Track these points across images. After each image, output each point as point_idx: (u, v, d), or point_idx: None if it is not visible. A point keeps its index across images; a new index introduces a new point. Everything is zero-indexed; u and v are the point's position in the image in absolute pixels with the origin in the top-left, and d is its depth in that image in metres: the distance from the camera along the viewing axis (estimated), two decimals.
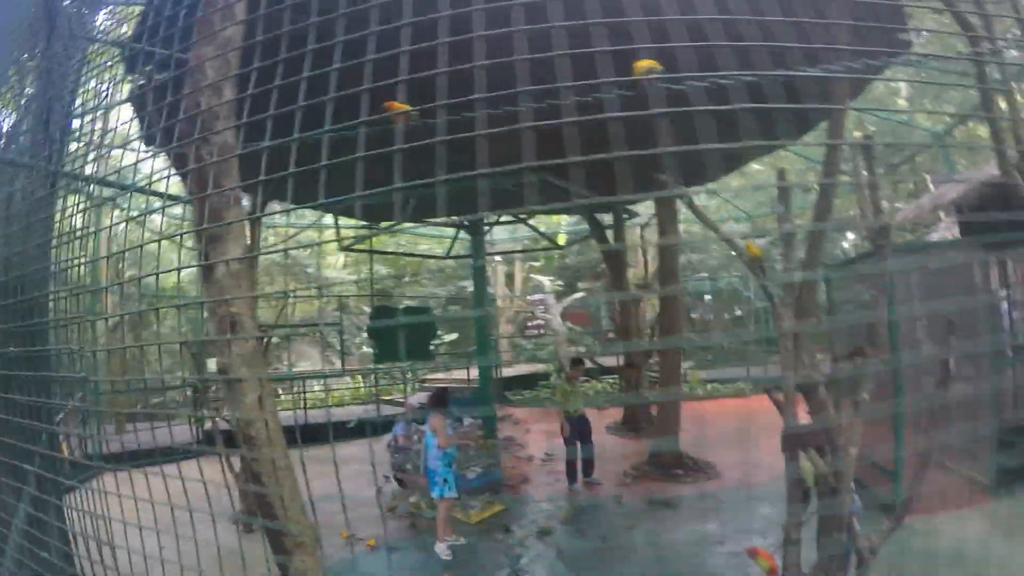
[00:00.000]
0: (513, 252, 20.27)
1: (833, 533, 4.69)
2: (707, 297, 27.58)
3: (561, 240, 24.59)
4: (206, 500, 2.92)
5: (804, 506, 4.71)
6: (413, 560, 8.62)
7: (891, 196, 21.98)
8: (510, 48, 2.55)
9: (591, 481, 11.99)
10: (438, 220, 13.35)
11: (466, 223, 12.27)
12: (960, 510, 8.56)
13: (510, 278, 31.32)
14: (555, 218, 25.51)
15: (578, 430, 11.90)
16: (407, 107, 3.53)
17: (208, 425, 12.14)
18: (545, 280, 30.21)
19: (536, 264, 31.86)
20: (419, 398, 12.25)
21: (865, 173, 5.47)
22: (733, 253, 5.34)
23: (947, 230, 16.82)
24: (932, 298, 9.93)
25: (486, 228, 13.30)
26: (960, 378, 9.32)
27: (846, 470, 4.42)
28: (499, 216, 13.46)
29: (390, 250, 20.60)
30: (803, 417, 4.71)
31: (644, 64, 3.89)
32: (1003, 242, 11.38)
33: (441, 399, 9.38)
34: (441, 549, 8.67)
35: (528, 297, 30.47)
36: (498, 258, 28.63)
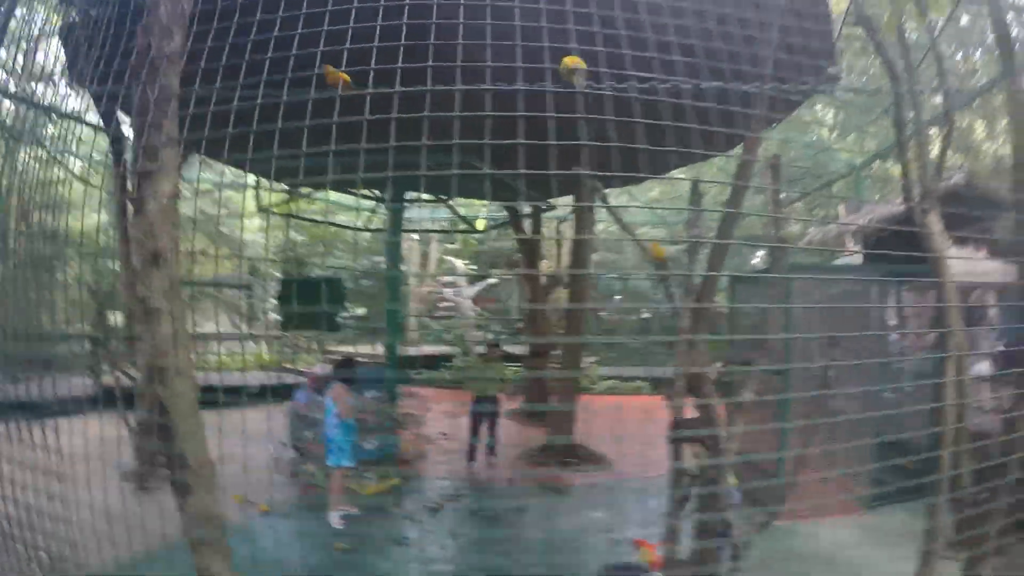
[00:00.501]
0: (429, 231, 20.29)
1: (710, 524, 4.97)
2: (616, 296, 28.05)
3: (480, 225, 24.67)
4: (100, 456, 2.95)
5: (685, 499, 4.98)
6: (305, 526, 8.65)
7: (805, 219, 22.78)
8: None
9: (491, 458, 12.49)
10: (359, 192, 13.30)
11: (384, 197, 12.27)
12: (835, 518, 9.05)
13: (425, 258, 31.21)
14: (478, 203, 25.60)
15: (488, 411, 12.35)
16: (345, 76, 3.67)
17: (108, 380, 11.84)
18: (459, 263, 30.20)
19: (452, 246, 31.82)
20: (323, 368, 12.15)
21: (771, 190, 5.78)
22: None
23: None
24: (830, 316, 10.39)
25: (405, 205, 13.29)
26: (845, 394, 9.80)
27: (725, 464, 4.69)
28: (419, 194, 13.51)
29: (307, 216, 20.16)
30: (691, 414, 4.98)
31: (570, 60, 4.03)
32: (900, 273, 12.00)
33: (346, 369, 9.36)
34: (334, 518, 8.68)
35: (440, 278, 30.46)
36: (415, 236, 28.51)
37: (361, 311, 27.00)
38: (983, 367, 10.58)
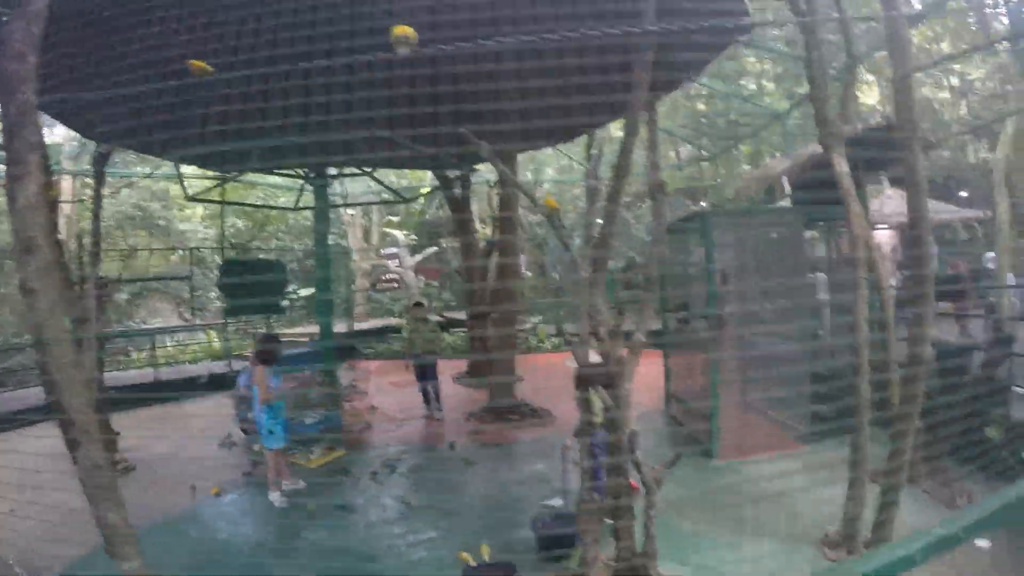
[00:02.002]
0: (356, 204, 20.19)
1: (618, 466, 5.24)
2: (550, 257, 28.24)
3: (417, 194, 24.69)
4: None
5: (592, 439, 5.24)
6: (252, 506, 8.79)
7: (732, 167, 23.19)
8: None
9: (435, 416, 13.07)
10: (285, 172, 13.31)
11: (310, 174, 12.31)
12: (774, 454, 9.43)
13: (367, 232, 31.10)
14: (411, 174, 25.59)
15: (422, 368, 13.02)
16: (205, 66, 3.99)
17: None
18: (399, 234, 30.17)
19: (394, 219, 31.74)
20: None
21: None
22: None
23: None
24: (757, 258, 10.67)
25: (331, 180, 13.32)
26: (778, 334, 10.15)
27: (624, 402, 4.95)
28: (340, 169, 13.55)
29: (240, 201, 20.03)
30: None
31: (399, 30, 4.18)
32: (823, 216, 12.34)
33: (266, 353, 9.20)
34: (275, 497, 8.81)
35: (383, 251, 30.46)
36: (351, 211, 28.43)
37: (307, 291, 27.00)
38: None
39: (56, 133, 18.48)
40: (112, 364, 19.83)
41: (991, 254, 13.31)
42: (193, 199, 12.15)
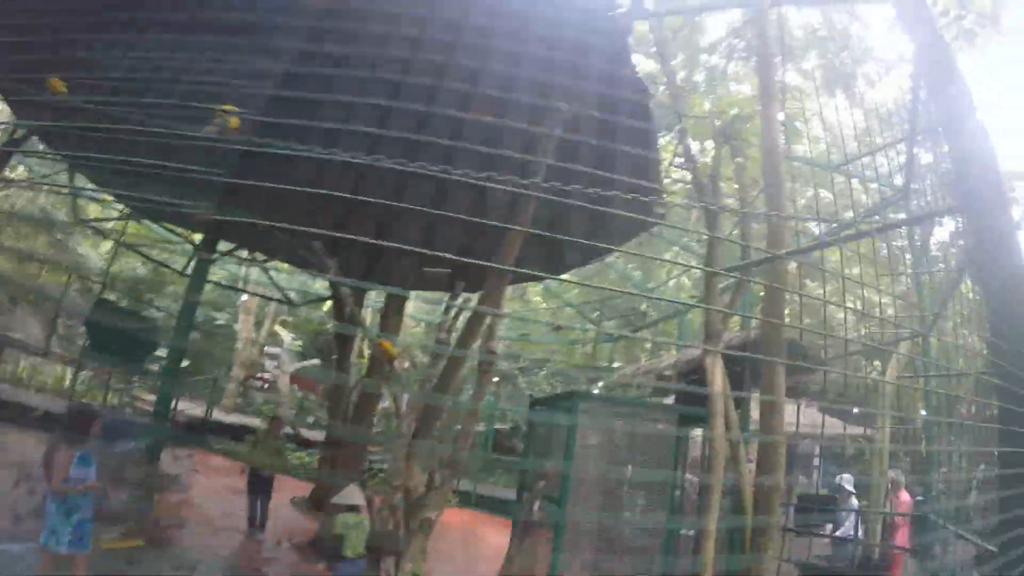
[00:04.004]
0: (238, 289, 19.45)
1: None
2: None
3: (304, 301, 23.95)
4: None
5: None
6: None
7: (631, 354, 23.44)
8: None
9: (255, 535, 12.05)
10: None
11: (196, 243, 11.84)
12: None
13: (259, 323, 29.90)
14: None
15: (260, 483, 12.18)
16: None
17: None
18: (287, 336, 29.10)
19: (289, 319, 30.68)
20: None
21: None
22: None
23: None
24: (623, 449, 10.51)
25: (217, 257, 12.84)
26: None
27: None
28: (233, 249, 13.11)
29: (129, 243, 18.64)
30: None
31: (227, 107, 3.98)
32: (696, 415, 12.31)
33: (75, 428, 7.23)
34: None
35: (266, 348, 29.18)
36: (243, 296, 27.42)
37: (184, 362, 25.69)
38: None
39: None
40: None
41: (847, 475, 13.47)
42: (82, 221, 11.54)
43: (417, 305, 23.45)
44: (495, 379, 26.99)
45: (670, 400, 13.52)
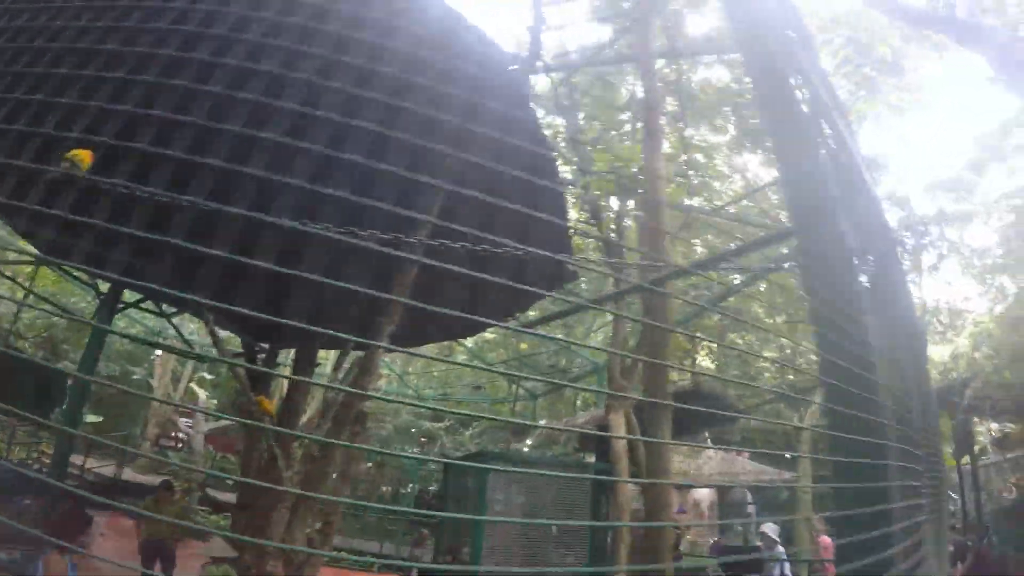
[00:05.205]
0: (147, 342, 18.75)
1: None
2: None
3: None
4: None
5: None
6: None
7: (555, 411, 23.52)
8: None
9: None
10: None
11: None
12: None
13: (175, 380, 28.73)
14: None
15: (156, 552, 11.20)
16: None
17: None
18: (202, 394, 28.17)
19: (208, 377, 29.68)
20: None
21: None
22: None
23: None
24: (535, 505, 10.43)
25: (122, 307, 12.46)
26: None
27: None
28: (139, 300, 12.73)
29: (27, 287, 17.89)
30: None
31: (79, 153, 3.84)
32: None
33: None
34: None
35: (181, 405, 28.08)
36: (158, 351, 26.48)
37: (95, 418, 24.68)
38: None
39: None
40: None
41: (771, 524, 13.46)
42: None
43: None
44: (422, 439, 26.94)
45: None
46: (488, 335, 23.21)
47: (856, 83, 21.98)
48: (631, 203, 9.42)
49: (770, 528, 13.29)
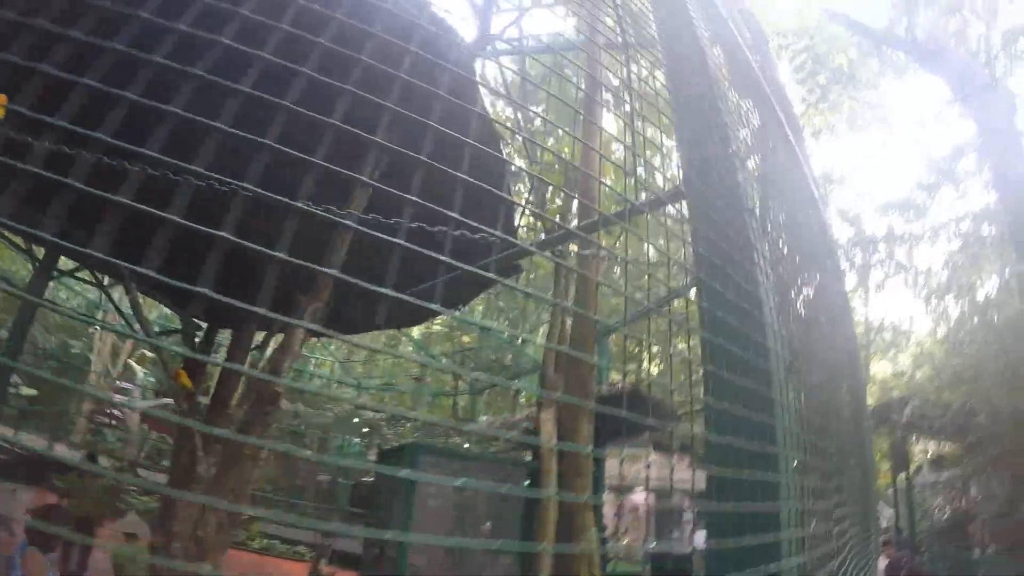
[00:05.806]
0: (81, 318, 18.27)
1: None
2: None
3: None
4: None
5: None
6: None
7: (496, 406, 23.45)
8: None
9: None
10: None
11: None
12: None
13: (115, 355, 27.86)
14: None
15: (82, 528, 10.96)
16: None
17: None
18: (140, 371, 27.41)
19: (149, 354, 28.83)
20: None
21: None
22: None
23: None
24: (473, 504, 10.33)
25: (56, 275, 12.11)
26: None
27: None
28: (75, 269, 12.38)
29: None
30: None
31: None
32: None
33: None
34: None
35: (120, 383, 27.29)
36: (96, 326, 25.70)
37: (29, 391, 23.96)
38: None
39: None
40: None
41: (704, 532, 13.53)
42: None
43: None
44: (364, 429, 26.55)
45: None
46: (436, 326, 23.10)
47: (809, 90, 22.21)
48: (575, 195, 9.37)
49: (703, 536, 13.33)
